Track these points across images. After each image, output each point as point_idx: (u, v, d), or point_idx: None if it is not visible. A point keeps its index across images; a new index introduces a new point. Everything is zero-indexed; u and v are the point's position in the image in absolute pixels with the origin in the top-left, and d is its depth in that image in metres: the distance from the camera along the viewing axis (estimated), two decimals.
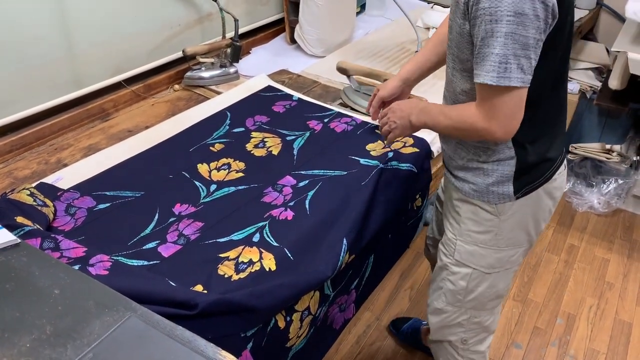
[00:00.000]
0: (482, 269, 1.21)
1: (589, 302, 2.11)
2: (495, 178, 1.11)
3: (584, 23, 2.47)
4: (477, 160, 1.12)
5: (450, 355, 1.37)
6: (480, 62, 0.94)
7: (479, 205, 1.15)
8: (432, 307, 1.33)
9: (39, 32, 1.41)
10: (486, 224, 1.16)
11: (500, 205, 1.13)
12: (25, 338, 0.66)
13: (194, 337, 0.69)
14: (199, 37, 1.91)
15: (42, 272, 0.77)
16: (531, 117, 1.02)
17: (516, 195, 1.12)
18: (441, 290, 1.29)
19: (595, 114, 2.64)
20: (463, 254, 1.21)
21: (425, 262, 2.24)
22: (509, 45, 0.90)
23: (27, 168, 1.36)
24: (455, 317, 1.29)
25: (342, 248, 1.08)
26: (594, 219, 2.55)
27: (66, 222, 1.11)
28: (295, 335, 1.04)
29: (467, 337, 1.32)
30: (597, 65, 2.63)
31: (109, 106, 1.63)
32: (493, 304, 1.28)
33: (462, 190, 1.17)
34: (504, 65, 0.91)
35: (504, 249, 1.18)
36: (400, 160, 1.32)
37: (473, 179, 1.14)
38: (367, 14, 2.52)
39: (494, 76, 0.92)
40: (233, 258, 1.03)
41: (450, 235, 1.24)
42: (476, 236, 1.18)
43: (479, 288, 1.23)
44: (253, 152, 1.37)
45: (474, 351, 1.35)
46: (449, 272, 1.25)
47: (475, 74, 0.96)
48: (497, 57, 0.91)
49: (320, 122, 1.50)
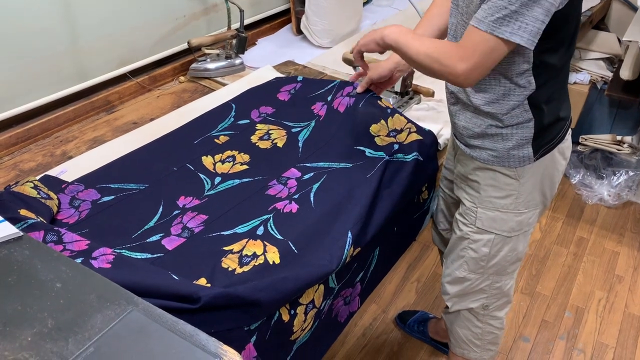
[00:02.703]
0: (505, 233, 1.24)
1: (598, 295, 2.09)
2: (515, 142, 1.13)
3: (595, 12, 2.43)
4: (497, 126, 1.13)
5: (469, 322, 1.40)
6: (486, 8, 0.95)
7: (499, 171, 1.18)
8: (452, 276, 1.35)
9: (44, 24, 1.41)
10: (506, 188, 1.19)
11: (520, 169, 1.16)
12: (26, 331, 0.66)
13: (196, 332, 0.68)
14: (204, 29, 1.90)
15: (44, 265, 0.76)
16: (550, 79, 1.07)
17: (535, 156, 1.15)
18: (462, 259, 1.31)
19: (606, 104, 2.61)
20: (485, 220, 1.23)
21: (432, 255, 2.23)
22: (525, 3, 0.91)
23: (33, 160, 1.36)
24: (478, 284, 1.32)
25: (346, 241, 1.07)
26: (604, 212, 2.52)
27: (70, 214, 1.11)
28: (299, 328, 1.04)
29: (489, 303, 1.35)
30: (608, 55, 2.59)
31: (114, 98, 1.63)
32: (513, 267, 1.31)
33: (480, 158, 1.19)
34: (507, 18, 0.93)
35: (523, 212, 1.21)
36: (405, 152, 1.30)
37: (492, 145, 1.16)
38: (374, 4, 2.50)
39: (491, 22, 0.94)
40: (237, 251, 1.03)
41: (469, 204, 1.25)
42: (497, 201, 1.21)
43: (501, 252, 1.26)
44: (258, 144, 1.36)
45: (493, 316, 1.38)
46: (471, 241, 1.27)
47: (474, 17, 0.98)
48: (507, 10, 0.93)
49: (324, 103, 1.47)
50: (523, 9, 0.92)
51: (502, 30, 0.94)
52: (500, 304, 1.36)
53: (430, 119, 1.48)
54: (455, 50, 1.01)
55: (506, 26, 0.94)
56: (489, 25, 0.95)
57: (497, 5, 0.94)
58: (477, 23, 0.96)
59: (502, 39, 0.95)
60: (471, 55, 0.98)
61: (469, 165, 1.23)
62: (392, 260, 1.42)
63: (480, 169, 1.21)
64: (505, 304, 1.38)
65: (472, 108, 1.14)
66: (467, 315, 1.39)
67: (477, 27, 0.96)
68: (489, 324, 1.39)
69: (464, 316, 1.40)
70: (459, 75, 1.01)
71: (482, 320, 1.38)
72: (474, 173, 1.22)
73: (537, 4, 0.92)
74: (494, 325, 1.39)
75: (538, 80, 1.06)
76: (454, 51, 1.01)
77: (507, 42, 0.96)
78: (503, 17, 0.93)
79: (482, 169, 1.20)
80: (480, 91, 1.11)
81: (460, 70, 1.00)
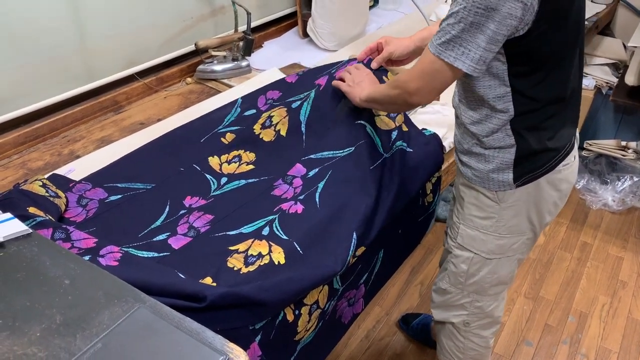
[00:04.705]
0: (483, 254, 1.23)
1: (601, 300, 2.09)
2: (495, 165, 1.13)
3: (601, 18, 2.43)
4: (480, 146, 1.13)
5: (452, 335, 1.40)
6: (438, 30, 0.99)
7: (481, 191, 1.18)
8: (437, 285, 1.39)
9: (52, 24, 1.42)
10: (487, 209, 1.19)
11: (500, 193, 1.15)
12: (35, 327, 0.67)
13: (202, 329, 0.69)
14: (211, 30, 1.91)
15: (52, 262, 0.77)
16: (531, 107, 1.05)
17: (516, 183, 1.13)
18: (446, 271, 1.33)
19: (610, 110, 2.61)
20: (465, 237, 1.24)
21: (435, 258, 2.23)
22: (466, 29, 0.93)
23: (41, 159, 1.37)
24: (459, 299, 1.33)
25: (351, 242, 1.08)
26: (608, 217, 2.52)
27: (78, 213, 1.12)
28: (303, 328, 1.04)
29: (470, 321, 1.35)
30: (613, 61, 2.59)
31: (122, 99, 1.64)
32: (495, 290, 1.30)
33: (466, 175, 1.20)
34: (452, 43, 0.95)
35: (505, 236, 1.20)
36: (404, 140, 1.30)
37: (475, 164, 1.16)
38: (380, 8, 2.51)
39: (438, 45, 0.97)
40: (242, 251, 1.04)
41: (454, 219, 1.27)
42: (478, 221, 1.21)
43: (480, 273, 1.26)
44: (262, 136, 1.34)
45: (475, 334, 1.37)
46: (453, 255, 1.29)
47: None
48: (449, 35, 0.95)
49: (328, 75, 1.43)
50: (465, 35, 0.94)
51: (447, 54, 0.97)
52: (482, 323, 1.36)
53: (435, 123, 1.49)
54: (407, 74, 1.06)
55: (451, 50, 0.96)
56: (436, 48, 0.98)
57: (444, 29, 0.96)
58: (429, 45, 1.00)
59: (446, 62, 0.97)
60: (420, 76, 1.03)
61: (460, 180, 1.25)
62: (397, 262, 1.43)
63: (465, 186, 1.22)
64: (489, 324, 1.37)
65: (464, 125, 1.16)
66: (450, 329, 1.40)
67: (428, 48, 1.00)
68: (471, 341, 1.39)
69: (448, 329, 1.41)
70: (411, 94, 1.06)
71: (465, 336, 1.38)
72: (461, 189, 1.24)
73: (479, 31, 0.92)
74: (476, 342, 1.39)
75: (518, 106, 1.05)
76: (406, 74, 1.07)
77: (450, 67, 0.97)
78: (447, 41, 0.96)
79: (467, 186, 1.21)
80: (469, 109, 1.12)
81: (411, 88, 1.05)
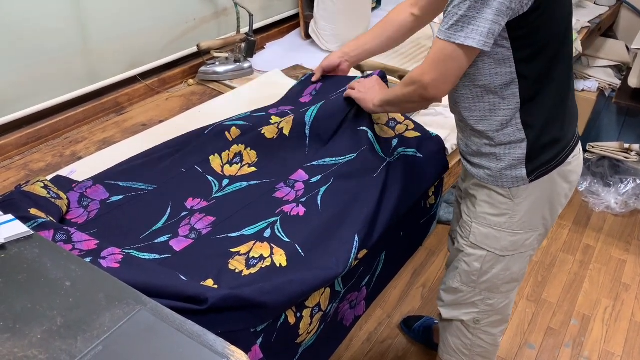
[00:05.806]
0: (496, 251, 1.23)
1: (604, 303, 2.08)
2: (508, 162, 1.13)
3: (604, 20, 2.43)
4: (490, 145, 1.14)
5: (460, 333, 1.40)
6: (443, 18, 0.99)
7: (493, 189, 1.18)
8: (447, 285, 1.37)
9: (55, 25, 1.42)
10: (501, 207, 1.19)
11: (514, 189, 1.16)
12: (36, 329, 0.67)
13: (204, 332, 0.69)
14: (214, 32, 1.91)
15: (53, 264, 0.77)
16: (539, 96, 1.06)
17: (529, 178, 1.14)
18: (457, 270, 1.32)
19: (613, 112, 2.60)
20: (478, 236, 1.24)
21: (438, 261, 2.23)
22: (473, 6, 0.93)
23: (42, 161, 1.37)
24: (470, 297, 1.32)
25: (353, 245, 1.08)
26: (611, 219, 2.51)
27: (79, 214, 1.12)
28: (305, 331, 1.04)
29: (480, 318, 1.35)
30: (616, 63, 2.59)
31: (124, 100, 1.64)
32: (508, 287, 1.30)
33: (478, 175, 1.20)
34: (460, 24, 0.95)
35: (518, 233, 1.20)
36: (405, 146, 1.31)
37: (487, 164, 1.16)
38: (382, 9, 2.50)
39: (447, 30, 0.97)
40: (244, 253, 1.03)
41: (466, 218, 1.27)
42: (491, 219, 1.21)
43: (492, 270, 1.25)
44: (265, 132, 1.34)
45: (485, 331, 1.37)
46: (465, 254, 1.28)
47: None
48: (457, 16, 0.95)
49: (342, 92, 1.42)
50: (472, 12, 0.94)
51: (457, 36, 0.96)
52: (492, 320, 1.36)
53: (437, 125, 1.48)
54: (420, 68, 1.05)
55: (460, 31, 0.96)
56: (445, 34, 0.98)
57: (450, 13, 0.97)
58: (438, 33, 1.00)
59: (458, 44, 0.97)
60: (433, 66, 1.02)
61: (469, 181, 1.26)
62: (398, 265, 1.42)
63: (477, 185, 1.22)
64: (499, 322, 1.37)
65: (469, 127, 1.16)
66: (458, 326, 1.40)
67: (438, 37, 0.99)
68: (479, 338, 1.38)
69: (455, 326, 1.40)
70: (426, 87, 1.04)
71: (473, 334, 1.38)
72: (473, 188, 1.24)
73: (485, 5, 0.93)
74: (484, 340, 1.39)
75: (524, 92, 1.06)
76: (419, 69, 1.05)
77: (463, 48, 0.97)
78: (456, 23, 0.96)
79: (479, 186, 1.22)
80: (469, 109, 1.12)
81: (426, 81, 1.03)
